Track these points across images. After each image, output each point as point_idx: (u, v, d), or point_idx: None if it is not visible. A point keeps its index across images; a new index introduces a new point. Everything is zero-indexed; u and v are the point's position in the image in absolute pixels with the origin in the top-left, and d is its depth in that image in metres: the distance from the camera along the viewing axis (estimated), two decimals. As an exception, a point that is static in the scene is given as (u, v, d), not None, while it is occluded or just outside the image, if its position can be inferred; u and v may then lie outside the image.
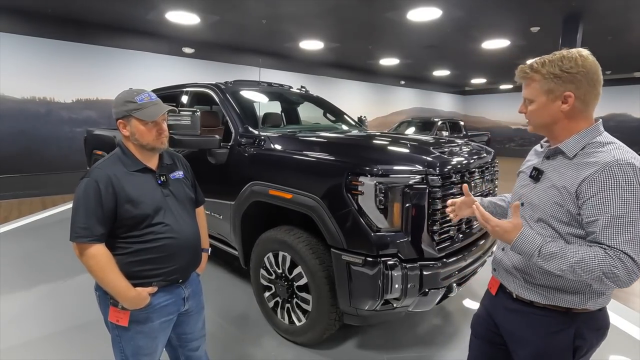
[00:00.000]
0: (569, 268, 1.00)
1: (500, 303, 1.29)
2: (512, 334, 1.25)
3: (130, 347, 1.40)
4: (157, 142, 1.39)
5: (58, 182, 7.16)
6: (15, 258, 3.89)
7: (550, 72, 1.08)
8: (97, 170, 1.33)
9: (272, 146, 2.63)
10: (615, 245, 0.97)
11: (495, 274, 1.31)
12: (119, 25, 7.56)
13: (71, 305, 2.94)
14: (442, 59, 10.93)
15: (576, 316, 1.13)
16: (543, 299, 1.15)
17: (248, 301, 2.87)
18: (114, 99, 1.42)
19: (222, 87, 3.27)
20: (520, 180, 1.28)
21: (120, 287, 1.30)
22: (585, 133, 1.10)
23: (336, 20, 7.13)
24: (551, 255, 1.03)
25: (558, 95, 1.08)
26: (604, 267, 0.96)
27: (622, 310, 2.97)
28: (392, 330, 2.63)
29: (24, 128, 6.86)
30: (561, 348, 1.14)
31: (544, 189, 1.13)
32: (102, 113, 7.69)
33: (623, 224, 0.97)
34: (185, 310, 1.52)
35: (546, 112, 1.11)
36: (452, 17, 6.67)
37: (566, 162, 1.11)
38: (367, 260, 1.95)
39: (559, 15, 6.60)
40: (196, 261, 1.55)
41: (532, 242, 1.06)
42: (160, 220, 1.37)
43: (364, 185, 1.98)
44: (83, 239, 1.27)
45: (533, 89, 1.12)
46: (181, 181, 1.52)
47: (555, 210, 1.08)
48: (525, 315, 1.20)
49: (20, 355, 2.33)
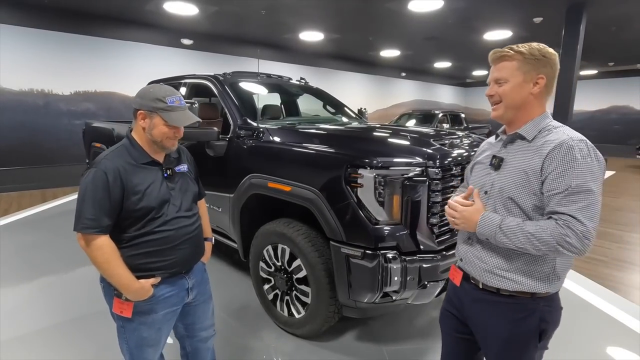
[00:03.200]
0: (527, 241, 1.07)
1: (464, 294, 1.32)
2: (479, 324, 1.28)
3: (134, 338, 1.42)
4: (169, 142, 1.40)
5: (58, 175, 7.16)
6: (15, 251, 3.89)
7: (531, 54, 1.15)
8: (105, 161, 1.32)
9: (271, 138, 2.61)
10: (567, 212, 1.03)
11: (462, 264, 1.32)
12: (117, 16, 7.48)
13: (70, 298, 2.95)
14: (444, 50, 10.83)
15: (540, 300, 1.18)
16: (510, 286, 1.17)
17: (247, 293, 2.88)
18: (142, 89, 1.41)
19: (220, 78, 3.24)
20: (479, 171, 1.32)
21: (124, 279, 1.31)
22: (540, 118, 1.19)
23: (336, 11, 7.04)
24: (510, 230, 1.10)
25: (533, 76, 1.15)
26: (557, 237, 1.03)
27: (622, 302, 2.97)
28: (391, 322, 2.63)
29: (22, 120, 6.83)
30: (528, 333, 1.18)
31: (509, 174, 1.18)
32: (100, 105, 7.65)
33: (577, 192, 1.04)
34: (190, 300, 1.53)
35: (520, 92, 1.17)
36: (454, 7, 6.58)
37: (526, 146, 1.17)
38: (366, 253, 1.94)
39: (562, 6, 6.51)
40: (199, 253, 1.56)
41: (492, 220, 1.14)
42: (164, 212, 1.38)
43: (363, 178, 1.96)
44: (89, 230, 1.26)
45: (510, 68, 1.17)
46: (186, 174, 1.53)
47: (522, 192, 1.13)
48: (492, 304, 1.22)
49: (19, 347, 2.34)
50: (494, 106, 1.23)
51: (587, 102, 14.85)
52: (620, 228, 5.05)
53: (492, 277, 1.20)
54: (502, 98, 1.19)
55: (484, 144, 1.40)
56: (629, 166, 11.59)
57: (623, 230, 4.94)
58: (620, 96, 14.43)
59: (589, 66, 13.02)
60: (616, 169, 10.75)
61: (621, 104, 14.49)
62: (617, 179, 9.21)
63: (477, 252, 1.25)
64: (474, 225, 1.18)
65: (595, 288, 3.22)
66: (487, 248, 1.22)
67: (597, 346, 2.42)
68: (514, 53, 1.16)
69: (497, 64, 1.20)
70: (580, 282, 3.32)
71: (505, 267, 1.18)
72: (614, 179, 9.20)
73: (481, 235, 1.18)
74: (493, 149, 1.29)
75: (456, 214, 1.22)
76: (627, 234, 4.78)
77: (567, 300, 3.08)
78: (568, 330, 2.57)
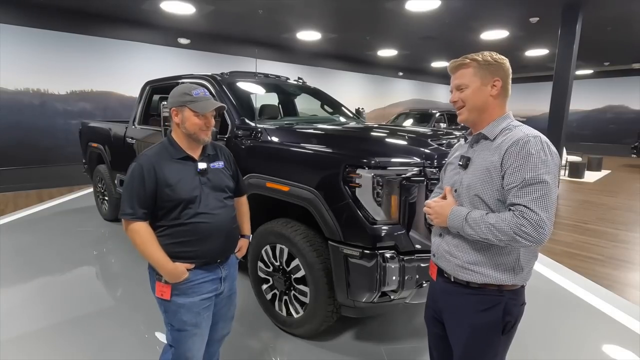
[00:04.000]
0: (489, 231, 1.14)
1: (439, 287, 1.38)
2: (448, 315, 1.35)
3: (175, 321, 1.53)
4: (202, 133, 1.52)
5: (54, 175, 7.13)
6: (11, 251, 3.87)
7: (485, 60, 1.24)
8: (143, 156, 1.48)
9: (269, 138, 2.61)
10: (522, 203, 1.10)
11: (435, 259, 1.38)
12: (113, 15, 7.44)
13: (68, 298, 2.94)
14: (441, 50, 10.84)
15: (506, 293, 1.24)
16: (478, 279, 1.23)
17: (246, 293, 2.88)
18: (172, 91, 1.56)
19: (218, 78, 3.23)
20: (449, 171, 1.39)
21: (159, 259, 1.44)
22: (501, 119, 1.27)
23: (334, 11, 7.04)
24: (474, 221, 1.17)
25: (489, 80, 1.25)
26: (513, 227, 1.10)
27: (618, 301, 3.00)
28: (389, 321, 2.64)
29: (18, 120, 6.79)
30: (491, 324, 1.24)
31: (475, 172, 1.25)
32: (97, 105, 7.62)
33: (531, 184, 1.11)
34: (221, 291, 1.62)
35: (480, 95, 1.25)
36: (451, 7, 6.60)
37: (488, 145, 1.25)
38: (364, 253, 1.95)
39: (558, 6, 6.54)
40: (231, 245, 1.65)
41: (459, 213, 1.22)
42: (196, 204, 1.49)
43: (361, 178, 1.97)
44: (127, 216, 1.43)
45: (468, 75, 1.26)
46: (221, 170, 1.62)
47: (486, 188, 1.21)
48: (461, 296, 1.29)
49: (18, 348, 2.33)
50: (458, 111, 1.31)
51: (583, 101, 14.94)
52: (615, 227, 5.09)
53: (462, 271, 1.26)
54: (465, 102, 1.28)
55: (455, 147, 1.49)
56: (624, 165, 11.67)
57: (619, 229, 4.98)
58: (616, 96, 14.52)
59: (585, 66, 13.09)
60: (611, 168, 10.82)
61: (616, 103, 14.58)
62: (613, 178, 9.28)
63: (447, 247, 1.31)
64: (445, 218, 1.25)
65: (591, 286, 3.25)
66: (457, 243, 1.28)
67: (593, 344, 2.44)
68: (469, 61, 1.26)
69: (455, 73, 1.30)
70: (576, 281, 3.34)
71: (474, 261, 1.24)
72: (610, 178, 9.26)
73: (452, 228, 1.25)
74: (462, 150, 1.38)
75: (430, 210, 1.32)
76: (622, 233, 4.82)
77: (563, 298, 3.11)
78: (564, 328, 2.60)
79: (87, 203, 5.84)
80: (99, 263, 3.74)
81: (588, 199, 6.83)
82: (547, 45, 9.71)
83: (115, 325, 2.57)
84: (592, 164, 10.13)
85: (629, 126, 13.89)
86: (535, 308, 2.85)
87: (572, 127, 14.22)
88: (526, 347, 2.34)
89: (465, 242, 1.25)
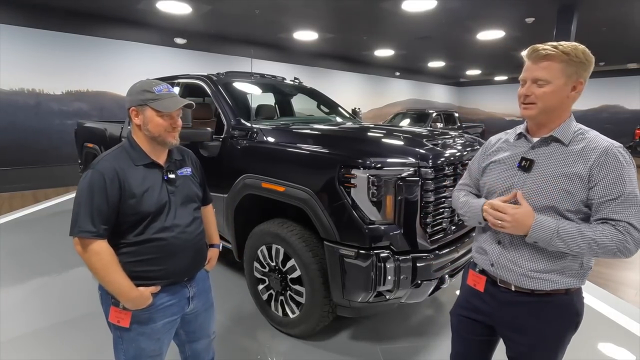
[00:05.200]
0: (587, 246, 1.06)
1: (491, 298, 1.29)
2: (516, 326, 1.25)
3: (132, 349, 1.35)
4: (169, 136, 1.34)
5: (50, 175, 7.09)
6: (7, 252, 3.85)
7: (577, 56, 1.10)
8: (103, 162, 1.28)
9: (265, 138, 2.61)
10: (623, 219, 1.05)
11: (493, 269, 1.26)
12: (109, 15, 7.41)
13: (64, 300, 2.93)
14: (437, 50, 10.88)
15: (573, 295, 1.20)
16: (546, 286, 1.17)
17: (242, 294, 2.88)
18: (130, 87, 1.37)
19: (214, 78, 3.23)
20: (501, 172, 1.27)
21: (123, 286, 1.25)
22: (570, 121, 1.18)
23: (331, 11, 7.05)
24: (569, 235, 1.08)
25: (574, 80, 1.12)
26: (618, 243, 1.05)
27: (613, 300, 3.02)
28: (385, 321, 2.65)
29: (13, 120, 6.75)
30: (566, 327, 1.22)
31: (546, 177, 1.15)
32: (93, 105, 7.58)
33: (630, 198, 1.06)
34: (191, 309, 1.47)
35: (559, 95, 1.12)
36: (447, 7, 6.62)
37: (562, 149, 1.15)
38: (359, 253, 1.95)
39: (554, 6, 6.58)
40: (200, 260, 1.50)
41: (548, 225, 1.09)
42: (163, 217, 1.32)
43: (356, 178, 1.97)
44: (86, 234, 1.20)
45: (554, 69, 1.11)
46: (188, 178, 1.46)
47: (562, 196, 1.11)
48: (527, 305, 1.21)
49: (13, 349, 2.31)
50: (526, 105, 1.16)
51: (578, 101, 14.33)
52: (610, 226, 5.11)
53: (527, 280, 1.19)
54: (539, 100, 1.13)
55: (497, 143, 1.35)
56: (620, 165, 11.73)
57: (613, 228, 5.00)
58: (611, 95, 14.62)
59: (581, 66, 13.16)
60: (607, 167, 10.87)
61: (612, 103, 14.69)
62: (608, 178, 9.32)
63: (511, 256, 1.21)
64: (527, 229, 1.11)
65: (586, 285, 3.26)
66: (524, 252, 1.19)
67: (587, 342, 2.46)
68: (560, 53, 1.10)
69: (539, 63, 1.12)
70: (571, 280, 3.36)
71: (540, 269, 1.17)
72: (605, 178, 9.31)
73: (532, 239, 1.12)
74: (516, 150, 1.25)
75: (507, 217, 1.13)
76: (617, 232, 4.85)
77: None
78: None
79: (83, 203, 5.80)
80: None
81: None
82: (542, 46, 9.75)
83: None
84: (588, 164, 10.17)
85: (624, 126, 13.97)
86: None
87: (568, 126, 14.27)
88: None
89: (536, 251, 1.17)
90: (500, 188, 1.25)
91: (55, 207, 5.71)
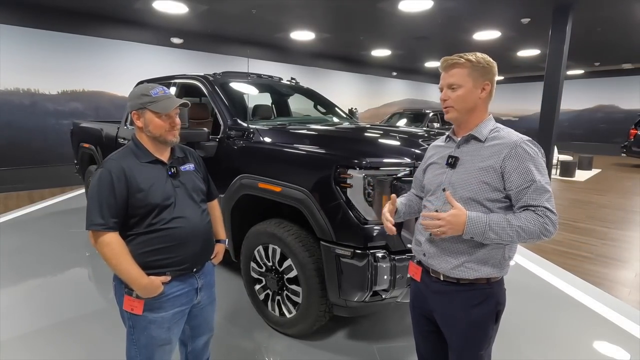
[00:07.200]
0: (516, 233, 1.16)
1: (425, 287, 1.40)
2: (442, 314, 1.36)
3: (143, 337, 1.43)
4: (169, 134, 1.45)
5: (45, 175, 7.05)
6: (2, 253, 3.83)
7: (479, 62, 1.26)
8: (110, 161, 1.40)
9: (262, 139, 2.61)
10: (539, 204, 1.17)
11: (425, 259, 1.37)
12: (105, 15, 7.38)
13: (59, 300, 2.92)
14: (434, 50, 10.90)
15: (494, 285, 1.30)
16: (470, 275, 1.27)
17: (239, 293, 2.88)
18: (130, 92, 1.49)
19: (210, 78, 3.22)
20: (433, 171, 1.40)
21: (134, 274, 1.34)
22: (487, 121, 1.32)
23: (327, 11, 7.05)
24: (499, 226, 1.18)
25: (480, 82, 1.27)
26: (540, 226, 1.16)
27: (607, 298, 3.04)
28: (381, 320, 2.66)
29: (8, 120, 6.71)
30: (486, 316, 1.29)
31: (467, 172, 1.27)
32: (88, 105, 7.55)
33: (540, 186, 1.18)
34: (198, 301, 1.55)
35: (470, 97, 1.28)
36: (444, 8, 6.64)
37: (480, 146, 1.29)
38: (355, 253, 1.96)
39: (549, 7, 6.62)
40: (208, 251, 1.59)
41: (479, 220, 1.19)
42: (171, 209, 1.42)
43: (352, 178, 1.98)
44: (97, 227, 1.31)
45: (462, 74, 1.27)
46: (192, 173, 1.56)
47: (481, 187, 1.24)
48: (453, 294, 1.31)
49: (8, 350, 2.31)
50: (446, 109, 1.32)
51: (573, 101, 15.11)
52: (605, 225, 5.16)
53: (455, 269, 1.28)
54: (455, 102, 1.29)
55: (431, 148, 1.49)
56: (614, 164, 11.82)
57: (608, 227, 5.05)
58: (606, 95, 14.70)
59: (576, 66, 13.23)
60: (602, 167, 10.96)
61: (607, 103, 14.76)
62: (603, 177, 9.40)
63: (439, 249, 1.32)
64: (462, 227, 1.19)
65: (581, 284, 3.29)
66: (450, 244, 1.29)
67: (581, 341, 2.48)
68: (464, 61, 1.26)
69: (449, 71, 1.30)
70: (565, 278, 3.39)
71: (466, 259, 1.27)
72: (600, 177, 9.38)
73: (468, 235, 1.20)
74: (446, 150, 1.38)
75: (442, 222, 1.20)
76: (612, 231, 4.89)
77: (553, 296, 3.15)
78: (553, 326, 2.63)
79: (79, 204, 5.79)
80: (91, 265, 3.71)
81: (578, 198, 6.91)
82: (538, 46, 9.81)
83: (106, 327, 2.56)
84: (583, 163, 10.25)
85: (619, 125, 14.07)
86: (525, 305, 2.88)
87: (564, 126, 14.38)
88: (518, 345, 2.37)
89: (460, 242, 1.26)
90: (434, 185, 1.37)
91: (51, 208, 5.69)
